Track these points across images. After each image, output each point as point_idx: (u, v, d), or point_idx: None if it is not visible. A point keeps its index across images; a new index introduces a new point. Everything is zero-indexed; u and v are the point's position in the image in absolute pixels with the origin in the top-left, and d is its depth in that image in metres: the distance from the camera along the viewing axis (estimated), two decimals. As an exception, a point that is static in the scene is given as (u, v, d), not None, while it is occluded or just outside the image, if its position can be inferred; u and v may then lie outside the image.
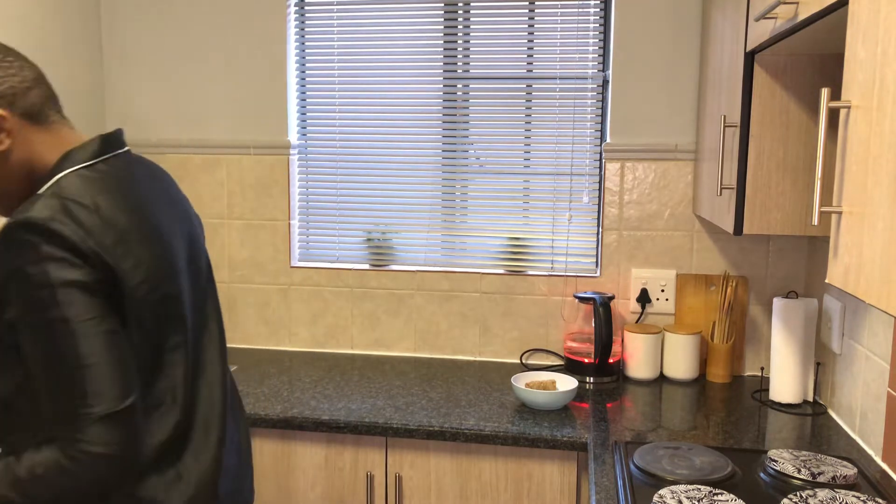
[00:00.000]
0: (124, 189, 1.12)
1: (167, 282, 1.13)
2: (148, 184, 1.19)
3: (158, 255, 1.12)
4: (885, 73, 0.83)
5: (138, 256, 1.08)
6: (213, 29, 2.38)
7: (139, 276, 1.08)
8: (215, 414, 1.21)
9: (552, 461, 1.77)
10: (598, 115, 2.27)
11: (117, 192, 1.11)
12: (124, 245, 1.07)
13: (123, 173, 1.15)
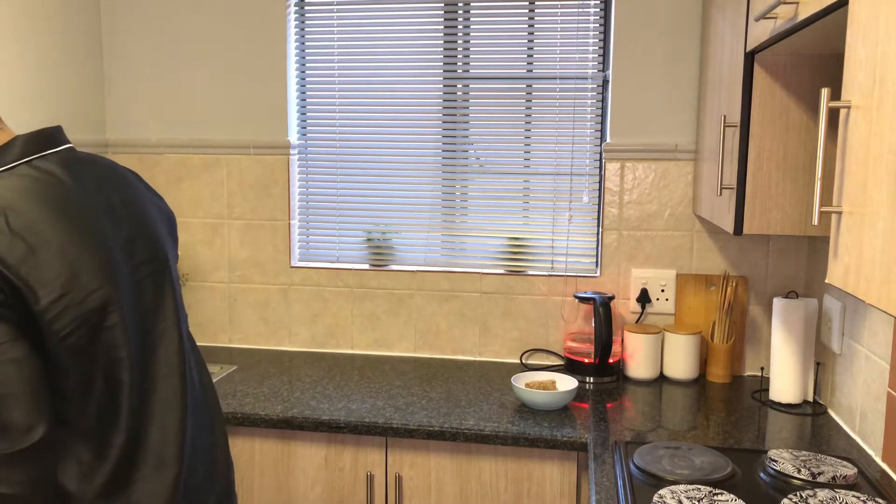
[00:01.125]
0: (46, 194, 0.99)
1: (95, 294, 1.00)
2: (87, 186, 1.06)
3: (84, 265, 0.99)
4: (885, 73, 0.83)
5: (55, 270, 0.96)
6: (213, 29, 2.38)
7: (55, 291, 0.95)
8: (171, 438, 1.08)
9: (552, 461, 1.77)
10: (598, 115, 2.27)
11: (35, 199, 0.98)
12: (35, 258, 0.94)
13: (47, 177, 1.01)
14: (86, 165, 1.09)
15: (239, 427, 1.88)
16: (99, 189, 1.08)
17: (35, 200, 0.98)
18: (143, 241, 1.12)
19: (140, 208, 1.14)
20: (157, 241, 1.15)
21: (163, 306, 1.13)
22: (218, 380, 2.11)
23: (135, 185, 1.17)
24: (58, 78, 2.21)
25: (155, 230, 1.15)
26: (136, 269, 1.09)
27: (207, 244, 2.46)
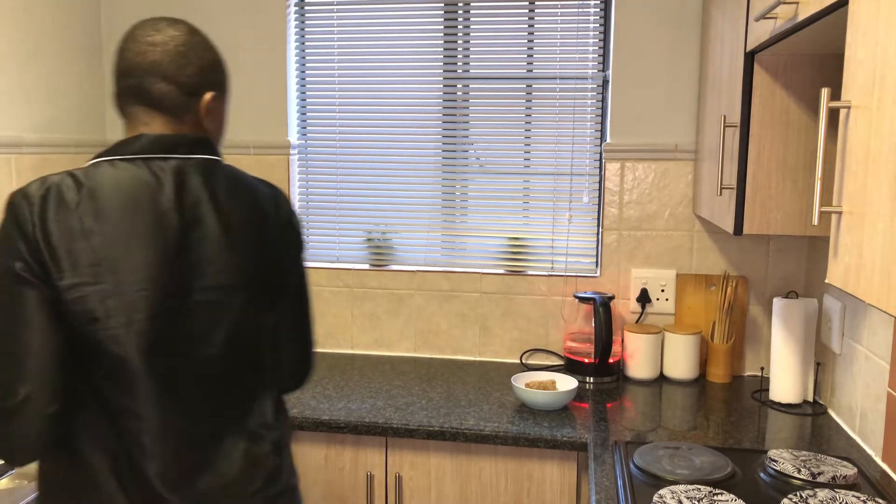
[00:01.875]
0: (132, 193, 1.07)
1: (113, 298, 1.04)
2: (184, 200, 1.09)
3: (122, 267, 1.04)
4: (885, 73, 0.83)
5: (93, 258, 1.03)
6: (212, 29, 2.38)
7: (80, 277, 1.02)
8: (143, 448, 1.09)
9: (552, 461, 1.77)
10: (598, 115, 2.27)
11: (119, 192, 1.06)
12: (82, 241, 1.02)
13: (146, 178, 1.08)
14: (205, 180, 1.12)
15: (239, 427, 1.88)
16: (196, 206, 1.10)
17: (118, 193, 1.05)
18: (218, 268, 1.11)
19: (239, 238, 1.13)
20: (239, 274, 1.13)
21: (211, 335, 1.12)
22: (218, 380, 2.11)
23: (254, 216, 1.15)
24: (58, 78, 2.21)
25: (245, 263, 1.13)
26: (193, 291, 1.10)
27: (207, 244, 2.46)
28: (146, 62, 1.11)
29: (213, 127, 1.20)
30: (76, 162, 2.30)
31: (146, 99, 1.12)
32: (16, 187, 2.03)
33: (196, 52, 1.14)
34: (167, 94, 1.12)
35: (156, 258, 1.06)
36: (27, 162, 2.08)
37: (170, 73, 1.12)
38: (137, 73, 1.11)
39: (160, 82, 1.11)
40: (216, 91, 1.18)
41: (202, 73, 1.15)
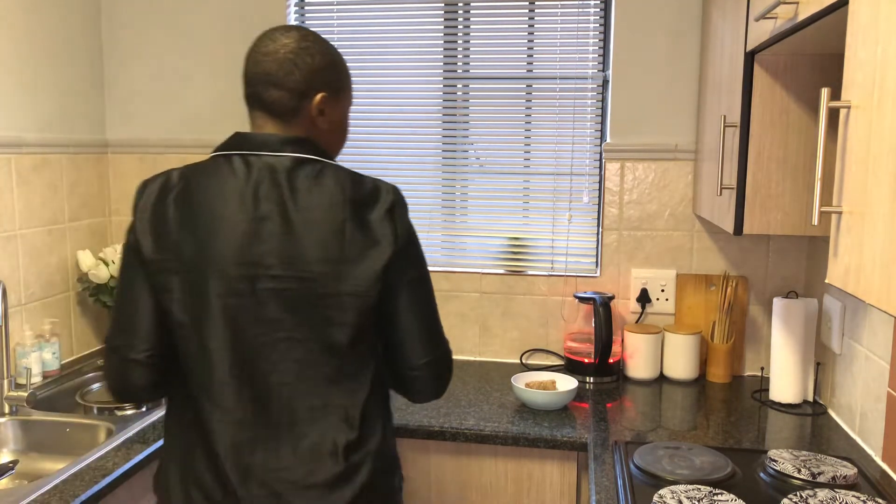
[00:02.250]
0: (216, 184, 1.19)
1: (177, 274, 1.18)
2: (259, 193, 1.18)
3: (190, 246, 1.17)
4: (885, 73, 0.83)
5: (174, 238, 1.18)
6: (213, 29, 2.38)
7: (159, 252, 1.18)
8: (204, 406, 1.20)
9: (552, 461, 1.77)
10: (598, 115, 2.27)
11: (208, 182, 1.19)
12: (174, 223, 1.18)
13: (229, 170, 1.20)
14: (287, 176, 1.19)
15: (239, 427, 1.88)
16: (269, 201, 1.18)
17: (206, 185, 1.19)
18: (283, 260, 1.17)
19: (304, 233, 1.17)
20: (304, 267, 1.17)
21: (281, 320, 1.18)
22: (218, 380, 2.11)
23: (328, 215, 1.18)
24: (58, 78, 2.21)
25: (311, 257, 1.17)
26: (260, 279, 1.17)
27: (207, 244, 2.46)
28: (260, 72, 1.22)
29: (328, 127, 1.28)
30: (76, 162, 2.30)
31: (261, 104, 1.23)
32: (16, 187, 2.03)
33: (303, 58, 1.22)
34: (277, 99, 1.22)
35: (227, 245, 1.16)
36: (27, 162, 2.08)
37: (279, 79, 1.21)
38: (253, 82, 1.23)
39: (271, 89, 1.22)
40: (326, 92, 1.25)
41: (311, 77, 1.22)
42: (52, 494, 1.40)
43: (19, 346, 2.00)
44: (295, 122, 1.24)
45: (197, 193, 1.19)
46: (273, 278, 1.17)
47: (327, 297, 1.18)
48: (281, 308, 1.18)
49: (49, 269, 2.18)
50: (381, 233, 1.20)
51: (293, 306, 1.18)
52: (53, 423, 1.81)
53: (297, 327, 1.18)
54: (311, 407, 1.21)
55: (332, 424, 1.21)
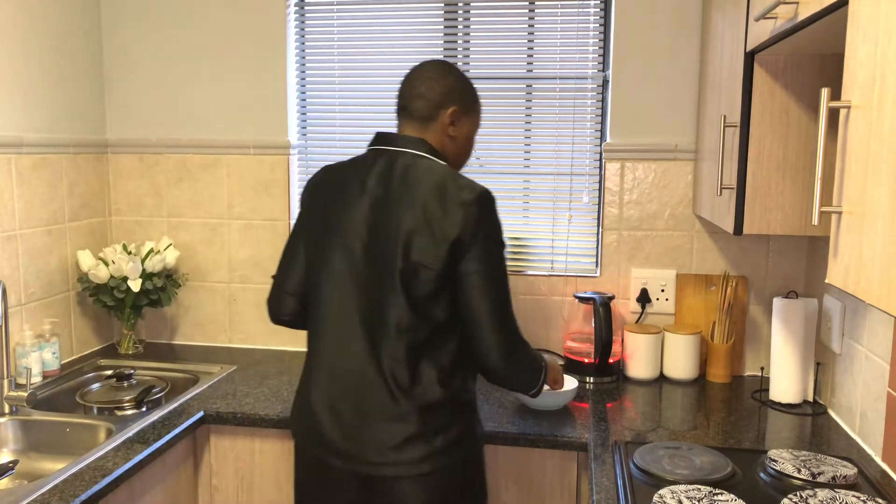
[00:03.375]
0: (349, 170, 1.57)
1: (305, 234, 1.56)
2: (351, 174, 1.55)
3: (314, 215, 1.55)
4: (885, 73, 0.83)
5: (306, 209, 1.58)
6: (213, 29, 2.38)
7: (300, 220, 1.59)
8: (321, 351, 1.50)
9: (552, 461, 1.77)
10: (598, 115, 2.27)
11: (343, 168, 1.58)
12: (307, 197, 1.59)
13: (356, 161, 1.59)
14: (403, 167, 1.50)
15: (239, 427, 1.88)
16: (385, 183, 1.49)
17: (342, 171, 1.59)
18: (387, 232, 1.45)
19: (396, 211, 1.46)
20: (396, 242, 1.43)
21: (386, 299, 1.45)
22: (218, 380, 2.11)
23: (416, 200, 1.45)
24: (58, 78, 2.21)
25: (399, 234, 1.44)
26: (373, 244, 1.46)
27: (207, 244, 2.46)
28: (411, 89, 1.55)
29: (456, 135, 1.57)
30: (76, 162, 2.30)
31: (407, 112, 1.56)
32: (16, 187, 2.03)
33: (447, 79, 1.55)
34: (419, 106, 1.54)
35: (347, 216, 1.49)
36: (27, 162, 2.08)
37: (423, 91, 1.54)
38: (405, 97, 1.56)
39: (416, 99, 1.54)
40: (458, 107, 1.55)
41: (449, 93, 1.54)
42: (52, 494, 1.40)
43: (19, 346, 2.00)
44: (430, 128, 1.54)
45: (335, 175, 1.61)
46: (379, 243, 1.51)
47: (418, 268, 1.48)
48: (384, 272, 1.51)
49: (49, 269, 2.18)
50: (447, 227, 1.45)
51: (389, 271, 1.51)
52: (53, 423, 1.81)
53: None
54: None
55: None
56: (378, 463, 1.42)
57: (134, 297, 2.27)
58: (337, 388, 1.47)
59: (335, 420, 1.46)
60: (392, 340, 1.43)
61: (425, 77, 1.54)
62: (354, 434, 1.44)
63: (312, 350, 1.53)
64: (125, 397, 1.99)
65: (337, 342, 1.48)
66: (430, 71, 1.55)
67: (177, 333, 2.52)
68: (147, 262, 2.29)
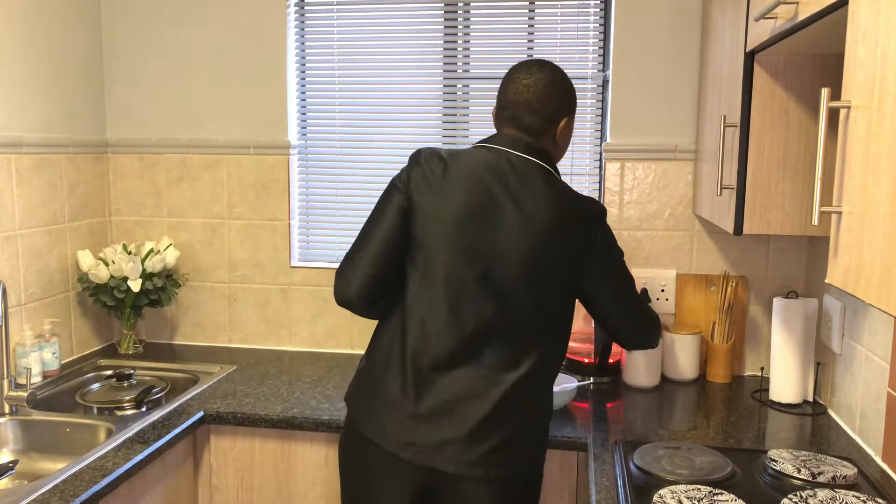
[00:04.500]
0: (452, 164, 1.50)
1: (422, 229, 1.48)
2: (470, 167, 1.48)
3: (433, 209, 1.47)
4: (885, 73, 0.83)
5: (420, 202, 1.49)
6: (213, 29, 2.38)
7: (414, 213, 1.49)
8: (394, 350, 1.49)
9: (552, 461, 1.77)
10: (598, 115, 2.27)
11: (459, 159, 1.50)
12: (421, 189, 1.49)
13: (463, 157, 1.51)
14: (523, 171, 1.48)
15: (239, 427, 1.88)
16: (503, 184, 1.46)
17: (463, 163, 1.50)
18: (502, 233, 1.45)
19: (515, 215, 1.46)
20: (509, 246, 1.44)
21: (488, 277, 1.45)
22: (218, 380, 2.11)
23: (533, 207, 1.46)
24: (58, 78, 2.21)
25: (517, 240, 1.45)
26: (483, 238, 1.45)
27: (207, 244, 2.46)
28: (520, 100, 1.50)
29: (562, 142, 1.57)
30: (76, 162, 2.30)
31: (517, 125, 1.51)
32: (16, 187, 2.03)
33: (557, 90, 1.51)
34: (533, 123, 1.50)
35: (466, 205, 1.44)
36: (27, 162, 2.08)
37: (537, 108, 1.50)
38: (513, 107, 1.51)
39: (529, 115, 1.50)
40: (568, 116, 1.54)
41: (561, 106, 1.51)
42: (52, 494, 1.40)
43: (19, 346, 2.00)
44: (541, 140, 1.52)
45: (453, 163, 1.53)
46: (485, 241, 1.51)
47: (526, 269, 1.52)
48: (494, 265, 1.52)
49: (49, 269, 2.18)
50: (557, 237, 1.49)
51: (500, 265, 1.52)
52: (53, 423, 1.81)
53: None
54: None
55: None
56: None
57: (134, 297, 2.27)
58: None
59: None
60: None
61: (539, 89, 1.49)
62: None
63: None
64: (125, 397, 1.99)
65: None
66: (543, 81, 1.50)
67: (177, 333, 2.52)
68: (147, 262, 2.29)
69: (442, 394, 1.44)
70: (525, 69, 1.52)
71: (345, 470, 1.57)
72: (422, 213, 1.47)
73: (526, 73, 1.51)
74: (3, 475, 1.68)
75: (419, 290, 1.47)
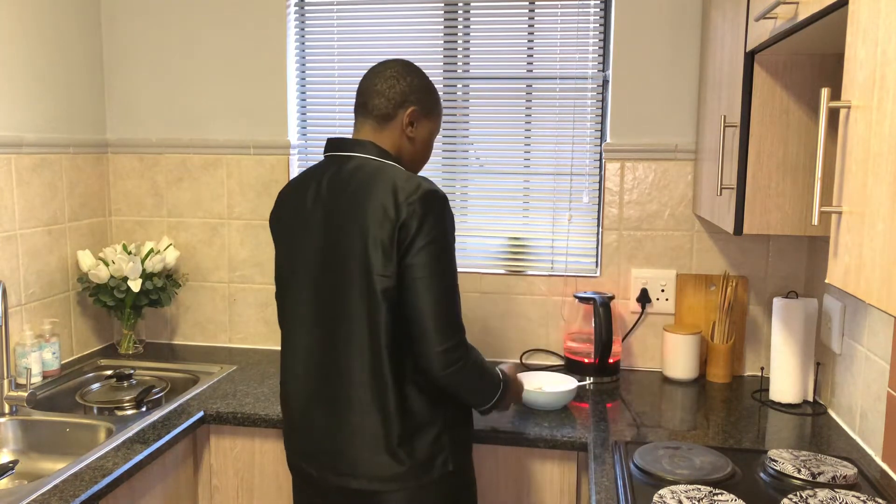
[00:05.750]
0: (297, 182, 1.53)
1: (281, 256, 1.53)
2: (317, 181, 1.49)
3: (283, 232, 1.52)
4: (885, 73, 0.83)
5: (277, 226, 1.54)
6: (213, 29, 2.38)
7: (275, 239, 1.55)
8: (287, 370, 1.51)
9: (552, 461, 1.77)
10: (598, 115, 2.27)
11: (300, 179, 1.53)
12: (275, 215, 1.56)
13: (307, 172, 1.54)
14: (337, 173, 1.47)
15: (239, 427, 1.88)
16: (325, 188, 1.47)
17: (301, 180, 1.53)
18: (320, 240, 1.45)
19: (344, 217, 1.43)
20: (324, 250, 1.45)
21: (346, 301, 1.42)
22: (218, 380, 2.11)
23: (357, 188, 1.42)
24: (58, 78, 2.21)
25: (328, 240, 1.44)
26: (318, 251, 1.45)
27: (207, 244, 2.46)
28: (369, 86, 1.51)
29: (414, 136, 1.52)
30: (76, 162, 2.30)
31: (364, 110, 1.51)
32: (15, 187, 2.03)
33: (408, 78, 1.51)
34: (378, 105, 1.49)
35: (304, 229, 1.47)
36: (27, 162, 2.08)
37: (383, 90, 1.49)
38: (364, 94, 1.51)
39: (376, 97, 1.50)
40: (418, 107, 1.51)
41: (410, 92, 1.50)
42: (52, 494, 1.40)
43: (19, 346, 2.00)
44: (388, 128, 1.50)
45: (293, 182, 1.57)
46: (318, 250, 1.50)
47: (356, 270, 1.48)
48: (331, 279, 1.49)
49: (49, 269, 2.18)
50: (386, 223, 1.40)
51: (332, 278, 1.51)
52: (53, 423, 1.81)
53: None
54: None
55: None
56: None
57: (134, 297, 2.27)
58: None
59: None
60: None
61: (386, 75, 1.50)
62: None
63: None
64: (125, 397, 1.99)
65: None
66: (392, 69, 1.51)
67: (177, 333, 2.52)
68: (147, 262, 2.29)
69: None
70: (383, 63, 1.54)
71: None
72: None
73: (382, 65, 1.53)
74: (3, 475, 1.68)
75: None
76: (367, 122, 1.51)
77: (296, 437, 1.51)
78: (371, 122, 1.51)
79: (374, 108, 1.50)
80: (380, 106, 1.49)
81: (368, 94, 1.51)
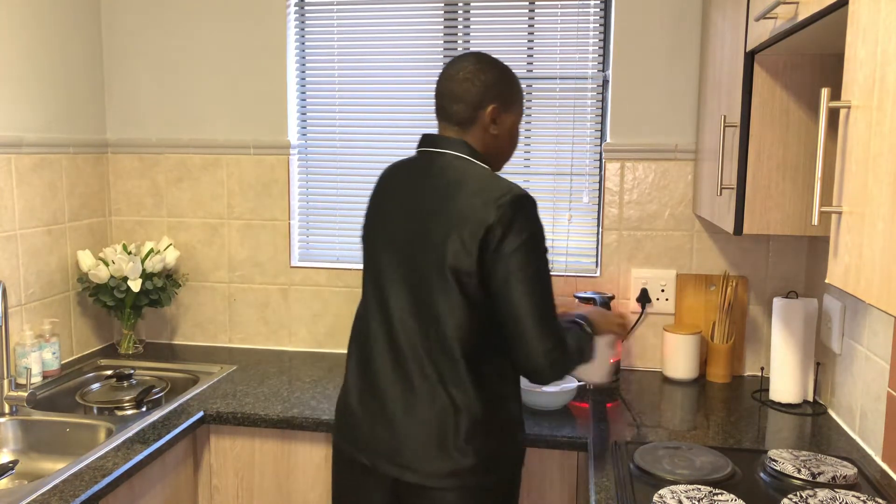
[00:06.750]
0: (390, 173, 1.57)
1: (366, 240, 1.57)
2: (406, 174, 1.53)
3: (372, 219, 1.55)
4: (885, 73, 0.83)
5: (369, 212, 1.58)
6: (213, 29, 2.38)
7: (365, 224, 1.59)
8: (363, 346, 1.52)
9: (552, 461, 1.77)
10: (598, 115, 2.27)
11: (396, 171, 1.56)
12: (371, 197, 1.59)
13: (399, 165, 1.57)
14: (439, 167, 1.49)
15: (239, 427, 1.88)
16: (420, 181, 1.49)
17: (393, 172, 1.57)
18: (416, 230, 1.46)
19: (422, 210, 1.46)
20: (417, 241, 1.45)
21: (410, 280, 1.46)
22: (218, 380, 2.11)
23: (436, 198, 1.44)
24: (58, 78, 2.21)
25: (418, 234, 1.45)
26: (414, 242, 1.45)
27: (207, 244, 2.46)
28: (445, 90, 1.50)
29: (499, 132, 1.51)
30: (76, 162, 2.30)
31: (445, 115, 1.51)
32: (15, 187, 2.03)
33: (479, 77, 1.48)
34: (457, 111, 1.49)
35: (396, 211, 1.50)
36: (27, 162, 2.08)
37: (459, 94, 1.48)
38: (440, 98, 1.51)
39: (454, 103, 1.49)
40: (497, 104, 1.49)
41: (484, 91, 1.48)
42: (52, 494, 1.40)
43: (19, 346, 2.00)
44: (471, 131, 1.50)
45: (388, 173, 1.60)
46: (410, 242, 1.52)
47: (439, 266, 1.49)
48: (414, 266, 1.51)
49: (49, 269, 2.18)
50: (469, 226, 1.41)
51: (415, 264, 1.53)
52: (53, 423, 1.81)
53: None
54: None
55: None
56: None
57: (134, 297, 2.27)
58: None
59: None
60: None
61: (459, 78, 1.48)
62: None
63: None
64: (125, 397, 1.99)
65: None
66: (465, 70, 1.48)
67: (177, 333, 2.52)
68: (147, 262, 2.29)
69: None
70: (456, 63, 1.51)
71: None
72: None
73: (455, 66, 1.51)
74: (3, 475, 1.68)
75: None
76: (450, 128, 1.51)
77: (353, 422, 1.50)
78: (454, 128, 1.50)
79: (454, 115, 1.49)
80: (459, 112, 1.48)
81: (445, 99, 1.50)
